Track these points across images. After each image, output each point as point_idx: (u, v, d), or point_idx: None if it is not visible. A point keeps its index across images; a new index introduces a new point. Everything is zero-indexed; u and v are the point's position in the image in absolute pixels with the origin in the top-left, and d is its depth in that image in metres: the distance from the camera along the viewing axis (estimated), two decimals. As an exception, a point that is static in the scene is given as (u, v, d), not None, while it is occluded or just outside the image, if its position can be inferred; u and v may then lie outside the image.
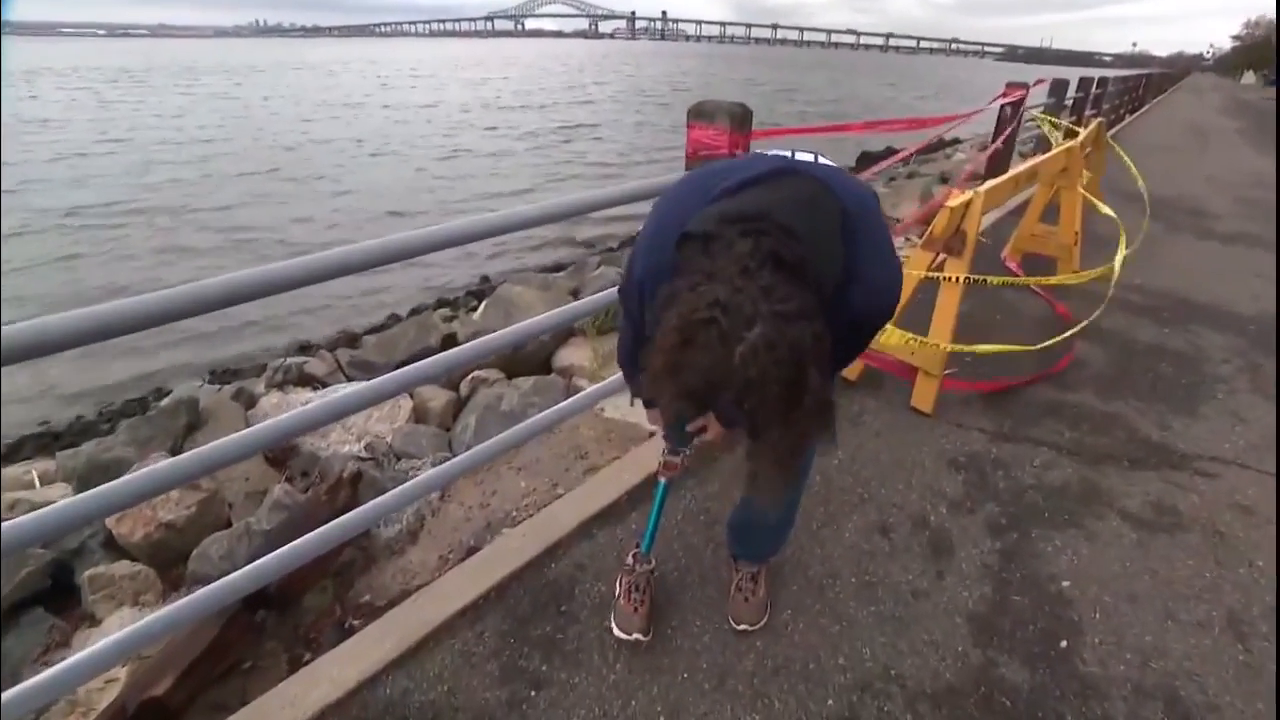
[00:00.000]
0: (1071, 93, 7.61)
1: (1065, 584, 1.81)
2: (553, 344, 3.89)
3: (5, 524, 1.20)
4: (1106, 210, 3.29)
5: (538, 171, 13.20)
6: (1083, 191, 3.56)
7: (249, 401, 3.24)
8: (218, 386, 3.78)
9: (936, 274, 2.42)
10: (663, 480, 1.58)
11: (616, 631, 1.58)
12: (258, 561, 1.58)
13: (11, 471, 3.20)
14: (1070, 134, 4.18)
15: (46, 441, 4.21)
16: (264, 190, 11.12)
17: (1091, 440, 2.45)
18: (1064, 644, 1.64)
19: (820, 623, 1.66)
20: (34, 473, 2.95)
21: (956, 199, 2.28)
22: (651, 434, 2.63)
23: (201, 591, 1.50)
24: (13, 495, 2.71)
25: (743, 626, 1.62)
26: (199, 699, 1.70)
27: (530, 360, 3.76)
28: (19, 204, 9.82)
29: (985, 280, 2.40)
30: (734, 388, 0.67)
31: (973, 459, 2.30)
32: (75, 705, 1.81)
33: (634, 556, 1.66)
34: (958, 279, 2.35)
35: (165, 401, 3.23)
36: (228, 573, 1.54)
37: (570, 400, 2.31)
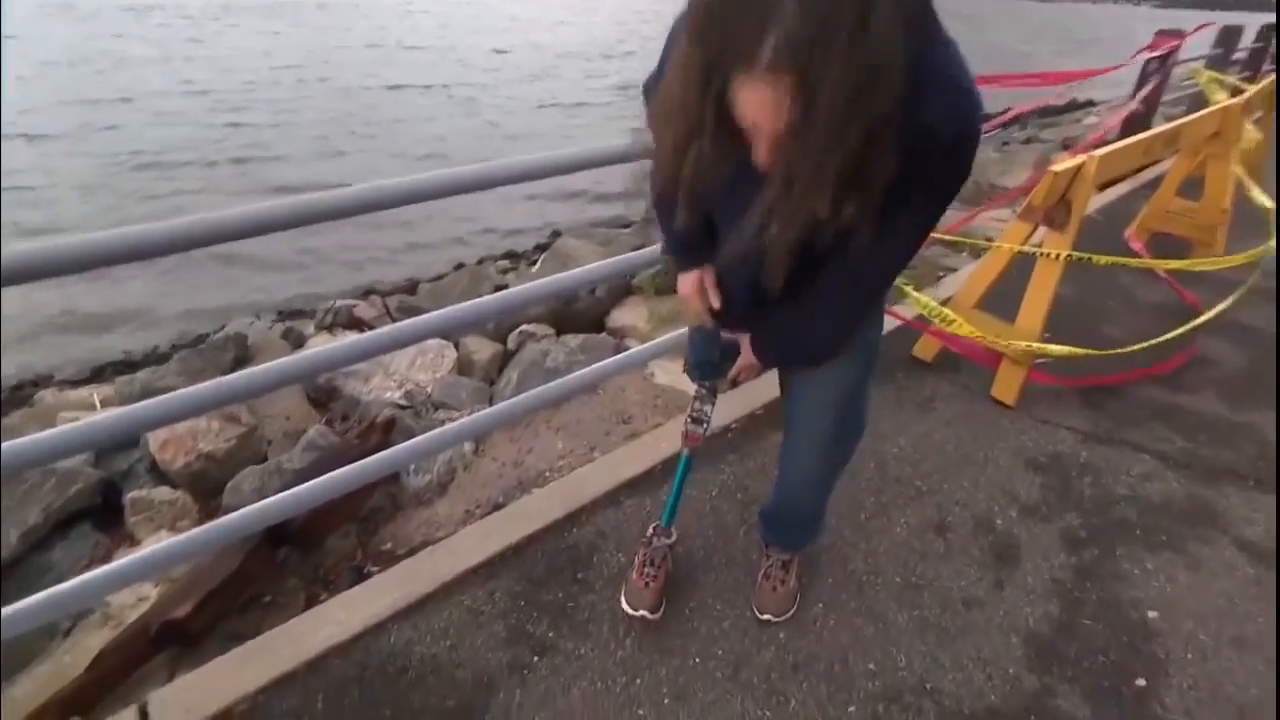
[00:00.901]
0: (1247, 42, 6.71)
1: (1151, 614, 1.67)
2: (608, 302, 3.89)
3: (50, 431, 1.31)
4: (1262, 198, 2.93)
5: (616, 128, 13.06)
6: (1235, 167, 3.19)
7: (297, 341, 3.42)
8: (269, 324, 4.00)
9: (1034, 249, 2.24)
10: (685, 451, 1.55)
11: (624, 606, 1.57)
12: (279, 495, 1.67)
13: (79, 394, 3.52)
14: (1236, 93, 3.74)
15: (122, 369, 4.63)
16: (329, 141, 11.45)
17: (1209, 453, 2.24)
18: (1141, 682, 1.51)
19: (854, 622, 1.60)
20: (95, 396, 3.23)
21: (1064, 164, 2.09)
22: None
23: (224, 519, 1.61)
24: (76, 414, 2.98)
25: (767, 616, 1.58)
26: (218, 627, 1.83)
27: (583, 317, 3.78)
28: (81, 149, 10.43)
29: (1091, 259, 2.20)
30: (785, 15, 0.63)
31: (1056, 460, 2.14)
32: (108, 618, 1.98)
33: (654, 529, 1.65)
34: (1058, 256, 2.16)
35: (216, 336, 3.45)
36: (257, 507, 1.64)
37: (615, 358, 2.29)
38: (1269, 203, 2.90)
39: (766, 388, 2.33)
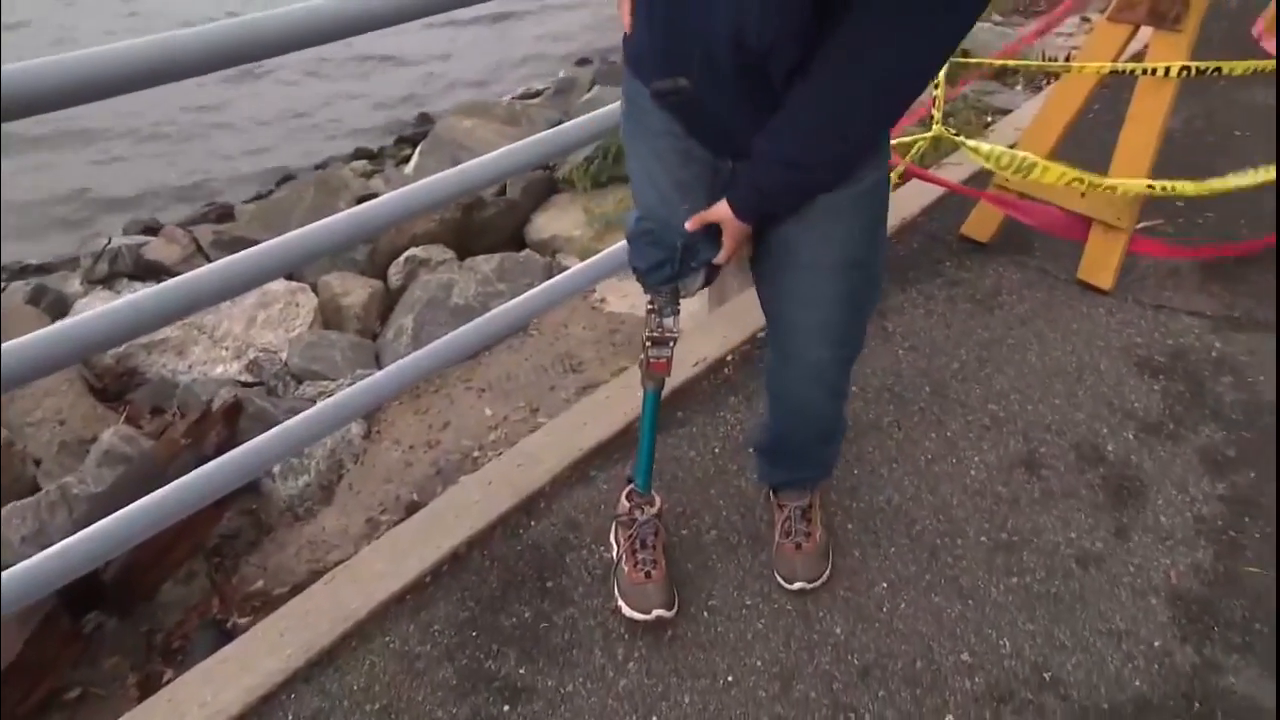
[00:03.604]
0: None
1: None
2: (526, 205, 3.88)
3: None
4: None
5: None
6: None
7: (57, 307, 3.28)
8: (2, 285, 3.84)
9: (1134, 67, 2.27)
10: (649, 388, 1.56)
11: (627, 612, 1.59)
12: (79, 535, 1.58)
13: None
14: None
15: None
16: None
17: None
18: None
19: (933, 601, 1.65)
20: None
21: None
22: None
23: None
24: None
25: (798, 585, 1.65)
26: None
27: (492, 230, 3.77)
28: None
29: (1219, 70, 2.23)
30: None
31: (1180, 358, 2.22)
32: None
33: (629, 498, 1.68)
34: (1168, 71, 2.19)
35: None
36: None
37: (552, 283, 2.28)
38: None
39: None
